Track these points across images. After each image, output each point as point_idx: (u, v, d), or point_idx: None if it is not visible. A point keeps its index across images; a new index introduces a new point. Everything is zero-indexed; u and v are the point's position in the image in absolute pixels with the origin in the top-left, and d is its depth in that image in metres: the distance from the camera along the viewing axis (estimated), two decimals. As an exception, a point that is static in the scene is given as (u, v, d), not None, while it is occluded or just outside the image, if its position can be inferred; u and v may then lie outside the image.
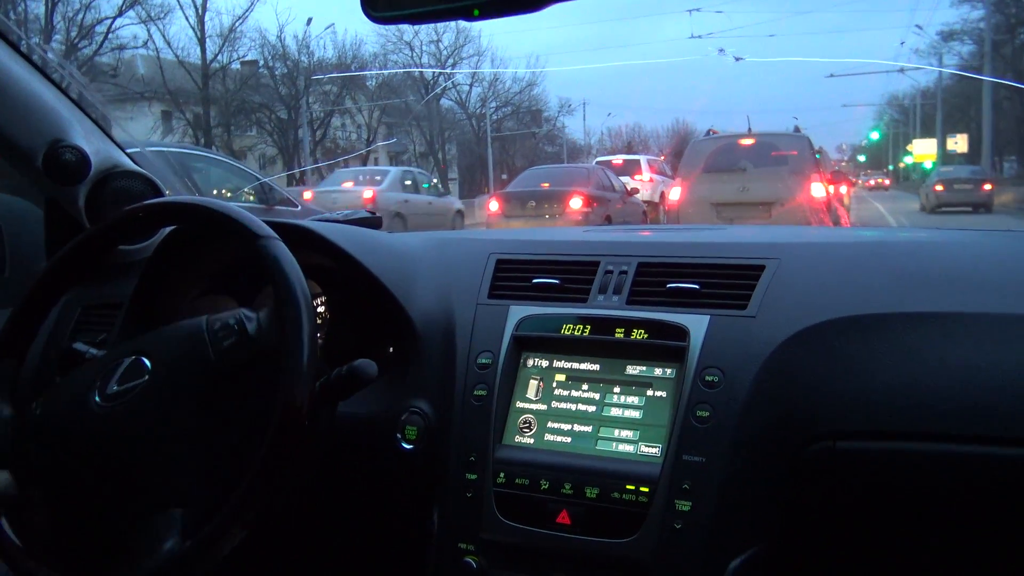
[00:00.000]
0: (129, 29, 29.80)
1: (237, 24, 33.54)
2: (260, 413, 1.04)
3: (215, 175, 8.66)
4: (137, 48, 30.67)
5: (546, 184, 13.24)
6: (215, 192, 8.13)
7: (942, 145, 40.39)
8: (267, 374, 1.05)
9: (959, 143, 39.43)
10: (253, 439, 1.03)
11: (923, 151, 44.52)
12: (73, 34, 27.78)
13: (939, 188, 23.55)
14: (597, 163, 19.34)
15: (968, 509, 1.14)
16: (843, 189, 12.83)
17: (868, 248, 1.35)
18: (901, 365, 1.13)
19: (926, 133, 46.57)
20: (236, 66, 35.33)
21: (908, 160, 53.87)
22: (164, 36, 31.90)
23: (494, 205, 13.24)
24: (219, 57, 34.01)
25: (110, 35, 29.47)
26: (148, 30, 30.86)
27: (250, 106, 35.48)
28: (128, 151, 1.77)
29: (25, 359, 1.24)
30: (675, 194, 10.47)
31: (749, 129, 11.00)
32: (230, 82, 34.68)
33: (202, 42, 33.36)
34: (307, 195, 13.79)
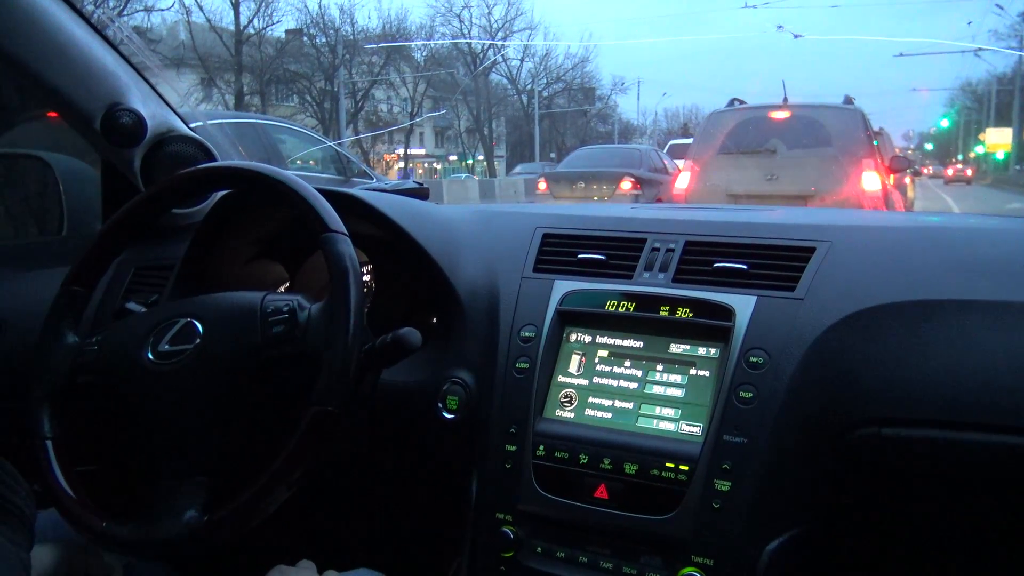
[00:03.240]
0: None
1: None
2: (294, 410, 1.05)
3: (294, 146, 8.62)
4: (164, 10, 30.48)
5: (595, 166, 13.04)
6: (299, 163, 8.17)
7: (1019, 134, 38.86)
8: (307, 374, 1.06)
9: None
10: (285, 428, 1.04)
11: (997, 140, 42.99)
12: None
13: None
14: (671, 145, 18.34)
15: (1014, 501, 1.12)
16: (905, 180, 9.72)
17: (921, 233, 1.32)
18: (951, 353, 1.10)
19: (1001, 122, 44.96)
20: (276, 34, 35.23)
21: (979, 150, 52.11)
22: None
23: (543, 185, 13.27)
24: (254, 22, 33.91)
25: None
26: None
27: (288, 75, 35.43)
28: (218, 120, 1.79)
29: (92, 296, 1.27)
30: (683, 181, 7.97)
31: (784, 99, 8.14)
32: (269, 48, 34.50)
33: (236, 6, 33.31)
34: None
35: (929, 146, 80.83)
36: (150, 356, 1.12)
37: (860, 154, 7.18)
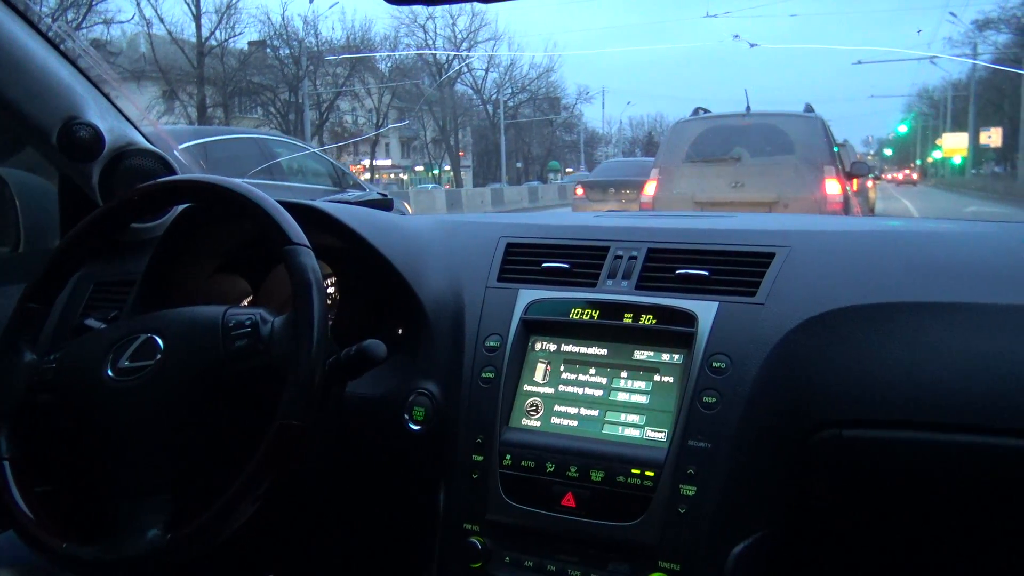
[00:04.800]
0: (115, 2, 29.23)
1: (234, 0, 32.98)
2: (258, 424, 1.05)
3: (296, 160, 8.88)
4: (124, 22, 30.09)
5: (623, 175, 14.62)
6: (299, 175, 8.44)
7: (975, 139, 39.50)
8: (271, 387, 1.06)
9: (993, 137, 38.40)
10: (250, 443, 1.03)
11: (953, 145, 43.72)
12: (53, 3, 26.74)
13: None
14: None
15: (974, 499, 1.14)
16: (868, 184, 10.12)
17: (879, 237, 1.34)
18: (909, 354, 1.12)
19: (957, 127, 45.76)
20: (239, 46, 34.91)
21: (937, 155, 53.02)
22: (156, 11, 31.47)
23: (579, 191, 15.26)
24: (216, 34, 33.55)
25: (96, 6, 28.72)
26: (138, 3, 30.21)
27: (252, 87, 35.13)
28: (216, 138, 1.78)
29: (50, 313, 1.26)
30: (649, 189, 8.01)
31: (747, 107, 8.22)
32: (232, 60, 34.17)
33: (197, 18, 32.89)
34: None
35: (888, 151, 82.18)
36: (110, 373, 1.10)
37: (821, 161, 7.34)
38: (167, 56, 31.61)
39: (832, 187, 7.16)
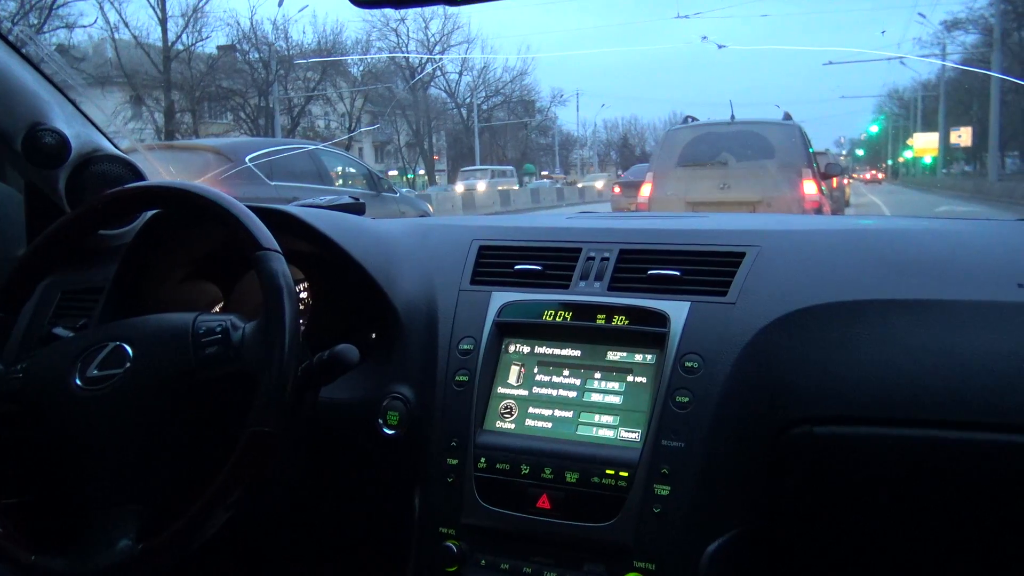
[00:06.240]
0: (78, 6, 28.56)
1: (201, 3, 32.55)
2: (230, 431, 1.04)
3: (339, 166, 9.91)
4: (87, 27, 29.58)
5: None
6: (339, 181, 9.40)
7: (945, 139, 39.85)
8: (243, 394, 1.05)
9: (963, 136, 38.61)
10: (222, 451, 1.02)
11: (924, 145, 44.11)
12: (13, 7, 26.22)
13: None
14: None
15: (945, 494, 1.15)
16: (844, 182, 11.18)
17: (848, 236, 1.36)
18: (878, 352, 1.13)
19: (927, 127, 46.20)
20: (207, 50, 34.34)
21: (908, 155, 53.56)
22: (120, 15, 30.80)
23: (617, 189, 17.85)
24: (182, 38, 33.01)
25: (57, 10, 28.13)
26: (100, 6, 29.67)
27: (221, 92, 34.66)
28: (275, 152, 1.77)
29: (16, 321, 1.24)
30: (645, 191, 8.86)
31: (732, 116, 9.16)
32: (200, 64, 33.65)
33: (163, 22, 32.31)
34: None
35: (860, 152, 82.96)
36: (78, 382, 1.09)
37: (799, 164, 8.08)
38: (133, 61, 31.08)
39: (809, 187, 7.90)
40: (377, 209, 8.66)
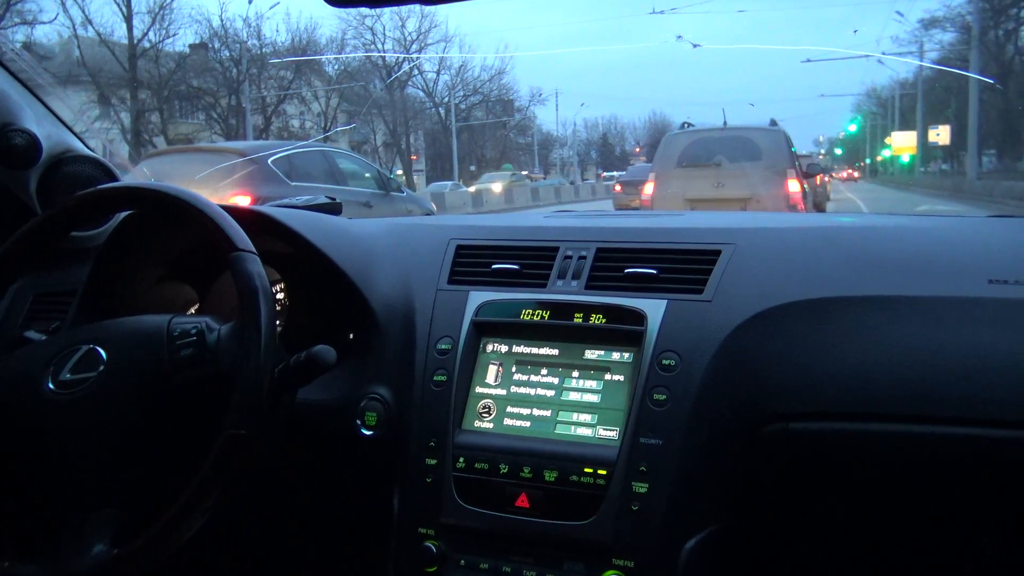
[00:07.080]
0: (38, 1, 27.51)
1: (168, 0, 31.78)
2: (206, 434, 1.03)
3: (351, 166, 10.14)
4: (47, 23, 28.79)
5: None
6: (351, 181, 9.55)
7: (923, 137, 39.98)
8: (219, 397, 1.04)
9: (941, 135, 38.61)
10: (198, 454, 1.02)
11: (902, 143, 44.24)
12: None
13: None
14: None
15: (920, 488, 1.16)
16: (826, 179, 12.72)
17: (823, 233, 1.37)
18: (851, 348, 1.15)
19: (905, 126, 46.42)
20: (176, 47, 33.60)
21: (886, 153, 53.80)
22: (84, 12, 30.08)
23: (618, 187, 20.02)
24: (149, 36, 32.26)
25: (15, 5, 27.30)
26: (63, 2, 28.87)
27: (191, 91, 33.98)
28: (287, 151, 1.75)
29: None
30: (648, 189, 10.03)
31: (724, 122, 10.47)
32: (169, 62, 32.90)
33: (128, 19, 31.60)
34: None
35: (839, 151, 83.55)
36: (51, 386, 1.08)
37: (784, 165, 9.22)
38: (97, 59, 30.20)
39: (793, 185, 9.09)
40: (386, 208, 9.03)
